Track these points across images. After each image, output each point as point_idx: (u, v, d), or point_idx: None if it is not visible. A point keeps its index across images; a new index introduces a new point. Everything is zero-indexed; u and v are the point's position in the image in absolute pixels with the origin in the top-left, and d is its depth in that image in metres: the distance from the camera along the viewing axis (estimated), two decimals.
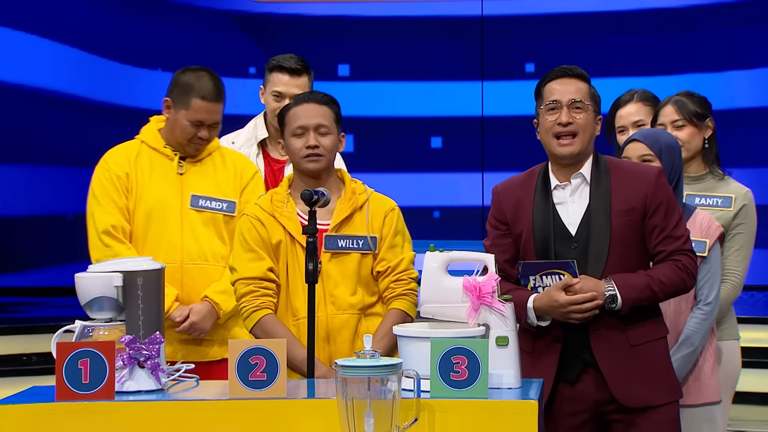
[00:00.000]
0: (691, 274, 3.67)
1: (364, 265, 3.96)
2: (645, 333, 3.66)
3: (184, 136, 4.39)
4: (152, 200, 4.37)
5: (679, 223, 3.68)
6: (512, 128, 11.10)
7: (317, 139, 3.94)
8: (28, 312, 10.05)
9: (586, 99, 3.70)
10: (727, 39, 10.80)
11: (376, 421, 2.98)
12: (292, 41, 10.88)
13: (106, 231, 4.31)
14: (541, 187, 3.73)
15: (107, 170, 4.39)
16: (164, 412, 3.16)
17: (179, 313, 4.32)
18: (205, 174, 4.44)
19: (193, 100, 4.36)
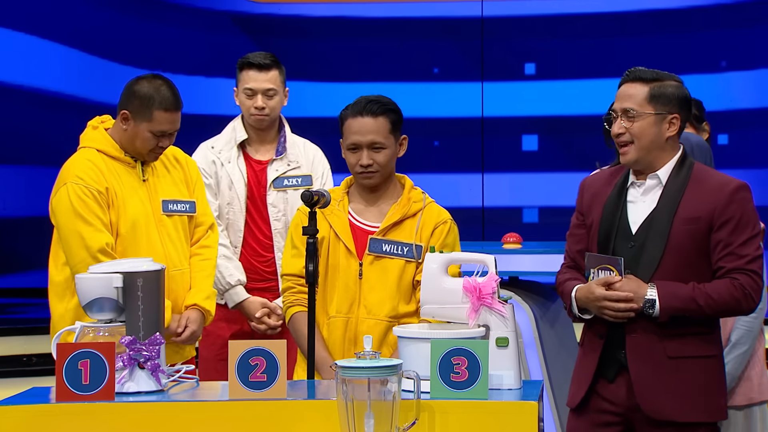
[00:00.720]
0: (748, 296, 3.50)
1: (406, 273, 3.91)
2: (687, 347, 3.55)
3: (146, 147, 4.27)
4: (131, 212, 4.27)
5: (749, 242, 3.52)
6: (512, 129, 11.11)
7: (371, 156, 3.91)
8: (28, 313, 10.05)
9: (641, 105, 3.57)
10: (726, 40, 10.80)
11: (376, 422, 2.98)
12: (292, 42, 10.89)
13: (102, 250, 4.16)
14: (621, 183, 3.66)
15: (85, 186, 4.22)
16: (164, 413, 3.16)
17: (176, 324, 4.28)
18: (163, 177, 4.38)
19: (155, 113, 4.25)
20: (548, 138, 10.97)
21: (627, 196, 3.64)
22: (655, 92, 3.59)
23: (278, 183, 4.96)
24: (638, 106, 3.58)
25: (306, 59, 10.75)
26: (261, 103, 4.91)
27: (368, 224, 3.94)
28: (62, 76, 10.91)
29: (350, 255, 3.91)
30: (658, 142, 3.59)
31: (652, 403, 3.54)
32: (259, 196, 4.94)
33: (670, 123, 3.59)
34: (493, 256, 3.46)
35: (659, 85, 3.59)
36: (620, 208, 3.63)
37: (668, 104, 3.59)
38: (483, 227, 10.86)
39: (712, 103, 10.66)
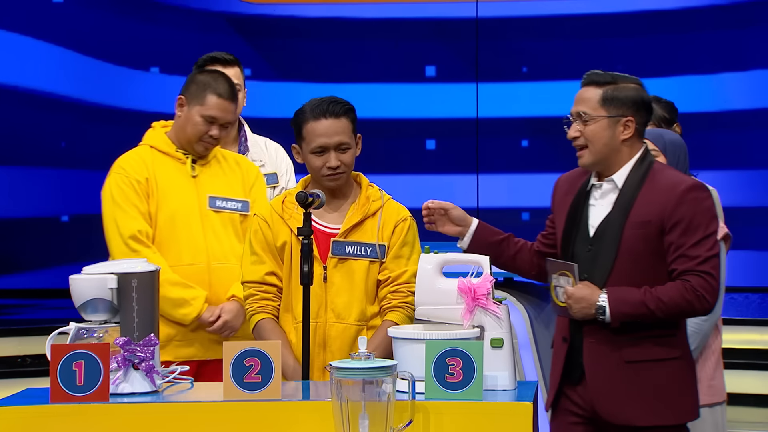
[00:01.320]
0: (701, 297, 3.49)
1: (371, 274, 3.90)
2: (645, 351, 3.54)
3: (196, 134, 4.39)
4: (173, 204, 4.38)
5: (701, 243, 3.50)
6: (507, 130, 11.11)
7: (338, 157, 3.88)
8: (22, 314, 10.04)
9: (594, 109, 3.58)
10: (720, 41, 10.81)
11: (370, 422, 2.98)
12: (286, 43, 10.88)
13: (133, 236, 4.31)
14: (584, 185, 3.68)
15: (126, 176, 4.38)
16: (159, 414, 3.16)
17: (210, 314, 4.33)
18: (216, 175, 4.46)
19: (209, 97, 4.38)
20: (543, 139, 10.98)
21: (589, 198, 3.66)
22: (608, 95, 3.59)
23: None
24: (591, 110, 3.60)
25: (300, 60, 10.75)
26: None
27: (329, 226, 3.92)
28: (57, 76, 10.89)
29: (314, 259, 3.87)
30: (612, 145, 3.59)
31: (609, 408, 3.55)
32: None
33: (625, 126, 3.60)
34: (487, 256, 3.46)
35: (613, 88, 3.60)
36: (581, 210, 3.65)
37: (622, 107, 3.59)
38: None
39: (706, 105, 10.70)
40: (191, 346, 4.33)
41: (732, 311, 8.81)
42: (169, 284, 4.24)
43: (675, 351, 3.58)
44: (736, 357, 7.76)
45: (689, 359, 3.64)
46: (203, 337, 4.35)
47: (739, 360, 7.74)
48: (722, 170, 10.72)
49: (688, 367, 3.63)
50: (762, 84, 10.74)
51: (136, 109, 10.98)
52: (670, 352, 3.57)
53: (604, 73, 3.62)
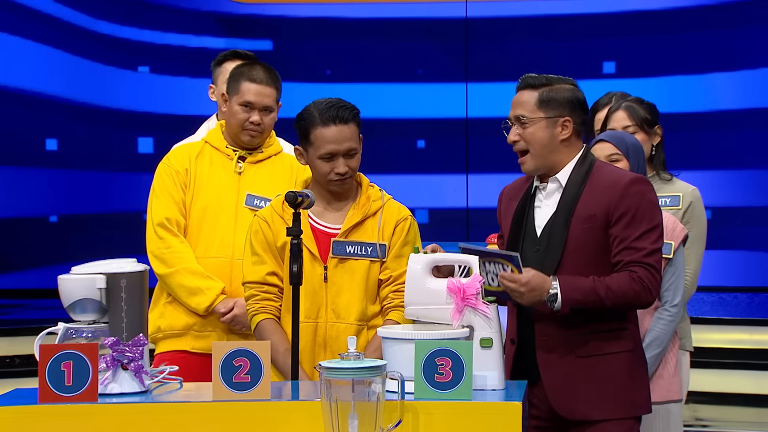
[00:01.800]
0: (646, 288, 3.52)
1: (372, 274, 3.90)
2: (597, 345, 3.57)
3: (237, 123, 4.44)
4: (209, 196, 4.43)
5: (646, 236, 3.54)
6: (497, 130, 11.11)
7: (347, 163, 3.86)
8: (11, 314, 10.02)
9: (531, 111, 3.63)
10: (709, 41, 10.83)
11: (360, 422, 2.98)
12: (276, 43, 10.88)
13: (161, 223, 4.39)
14: (529, 188, 3.72)
15: (168, 165, 4.48)
16: (148, 414, 3.15)
17: (224, 305, 4.37)
18: (262, 174, 4.49)
19: (243, 84, 4.44)
20: None
21: (534, 201, 3.69)
22: (545, 97, 3.63)
23: None
24: (529, 112, 3.64)
25: (290, 60, 10.75)
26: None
27: (329, 226, 3.92)
28: (46, 76, 10.88)
29: (314, 259, 3.88)
30: (551, 146, 3.63)
31: (565, 404, 3.57)
32: None
33: (563, 126, 3.63)
34: (477, 257, 3.46)
35: (549, 90, 3.64)
36: (527, 213, 3.68)
37: (558, 108, 3.63)
38: (467, 228, 10.87)
39: (695, 105, 10.72)
40: (208, 337, 4.37)
41: (721, 311, 8.84)
42: (187, 272, 4.36)
43: (627, 344, 3.61)
44: (725, 357, 7.79)
45: (640, 353, 3.68)
46: (220, 329, 4.40)
47: (728, 360, 7.77)
48: (711, 170, 10.74)
49: (639, 360, 3.66)
50: (750, 84, 10.77)
51: (125, 109, 10.97)
52: (621, 345, 3.60)
53: (539, 76, 3.66)
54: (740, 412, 7.55)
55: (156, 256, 4.41)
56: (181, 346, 4.42)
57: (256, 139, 4.47)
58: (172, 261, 4.38)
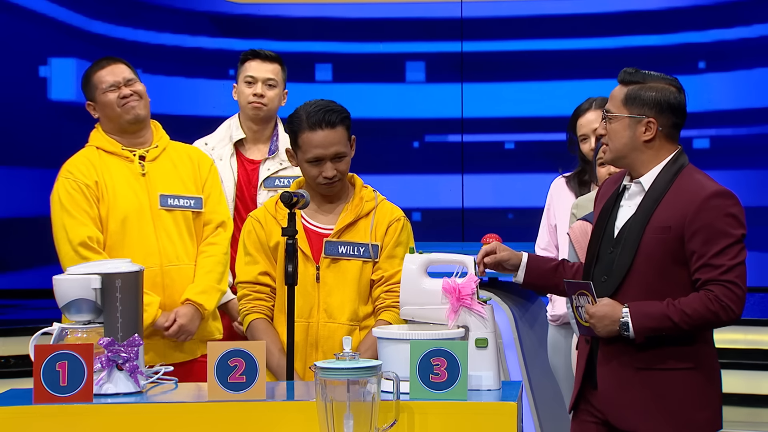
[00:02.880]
0: (726, 307, 3.41)
1: (364, 274, 3.90)
2: (658, 359, 3.48)
3: (113, 109, 4.38)
4: (124, 205, 4.31)
5: (725, 252, 3.43)
6: (492, 130, 11.11)
7: (335, 167, 3.85)
8: (5, 314, 10.00)
9: (617, 107, 3.56)
10: (704, 41, 10.84)
11: (355, 423, 2.98)
12: (271, 43, 10.87)
13: (83, 243, 4.24)
14: (620, 185, 3.65)
15: (74, 180, 4.30)
16: (143, 415, 3.15)
17: (165, 319, 4.28)
18: (166, 171, 4.39)
19: (94, 76, 4.47)
20: (528, 139, 10.99)
21: (620, 199, 3.63)
22: (631, 95, 3.56)
23: (269, 183, 4.94)
24: (615, 108, 3.58)
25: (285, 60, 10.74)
26: (260, 91, 4.92)
27: (322, 227, 3.92)
28: None
29: (306, 259, 3.88)
30: (632, 145, 3.55)
31: (617, 413, 3.52)
32: (249, 195, 4.93)
33: (646, 126, 3.55)
34: (472, 257, 3.46)
35: (638, 88, 3.56)
36: (611, 211, 3.62)
37: (643, 108, 3.55)
38: (462, 228, 10.86)
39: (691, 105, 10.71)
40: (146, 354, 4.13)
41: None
42: None
43: (690, 361, 3.51)
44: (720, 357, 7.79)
45: (708, 369, 3.56)
46: (158, 344, 4.30)
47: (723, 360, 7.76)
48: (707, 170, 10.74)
49: (705, 377, 3.54)
50: (745, 84, 10.77)
51: None
52: (684, 361, 3.50)
53: (636, 72, 3.59)
54: (735, 412, 7.54)
55: None
56: None
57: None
58: None
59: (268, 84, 4.94)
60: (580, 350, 3.66)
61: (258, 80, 4.94)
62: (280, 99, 5.01)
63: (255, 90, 4.92)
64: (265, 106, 4.93)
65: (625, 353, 3.50)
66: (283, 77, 5.02)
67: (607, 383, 3.54)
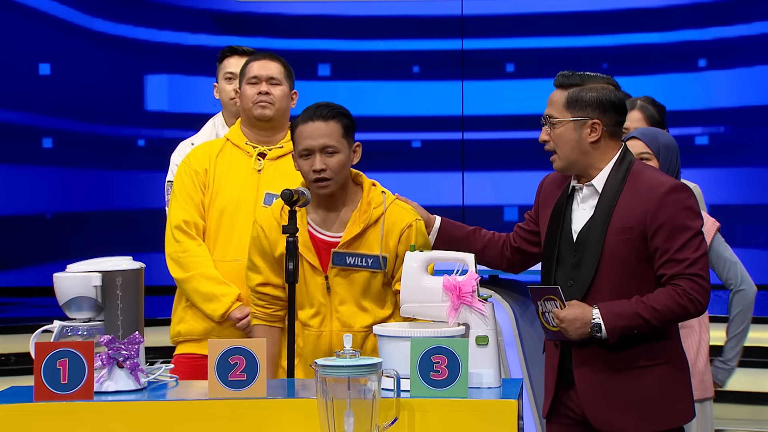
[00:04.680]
0: (694, 300, 3.44)
1: (374, 283, 3.84)
2: (634, 358, 3.50)
3: (248, 100, 4.40)
4: (228, 197, 4.35)
5: (687, 245, 3.44)
6: (492, 128, 11.12)
7: (324, 160, 3.79)
8: (6, 312, 10.01)
9: (560, 112, 3.54)
10: (705, 39, 10.84)
11: (356, 420, 2.98)
12: (272, 40, 10.88)
13: (178, 226, 4.31)
14: (567, 188, 3.63)
15: (188, 165, 4.40)
16: (143, 413, 3.15)
17: (239, 311, 4.29)
18: (282, 172, 4.38)
19: (248, 66, 4.45)
20: (528, 136, 10.99)
21: (572, 202, 3.62)
22: (573, 98, 3.53)
23: None
24: (557, 113, 3.55)
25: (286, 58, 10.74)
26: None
27: (330, 235, 3.86)
28: None
29: (314, 270, 3.84)
30: (580, 149, 3.53)
31: (598, 415, 3.52)
32: None
33: (591, 128, 3.53)
34: (473, 254, 3.46)
35: (578, 90, 3.53)
36: (564, 215, 3.61)
37: (586, 109, 3.52)
38: None
39: (691, 102, 10.72)
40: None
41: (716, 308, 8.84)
42: (203, 278, 4.27)
43: (664, 355, 3.54)
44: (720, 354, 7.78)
45: (679, 362, 3.58)
46: (235, 335, 4.30)
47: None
48: (708, 168, 10.74)
49: (677, 370, 3.57)
50: (745, 82, 10.77)
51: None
52: (658, 357, 3.52)
53: (572, 74, 3.55)
54: (736, 409, 7.54)
55: (173, 259, 4.32)
56: (200, 351, 4.31)
57: (267, 110, 4.36)
58: (189, 265, 4.30)
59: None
60: (550, 353, 3.64)
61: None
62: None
63: (236, 86, 4.91)
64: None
65: (601, 355, 3.50)
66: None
67: (585, 386, 3.53)
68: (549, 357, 3.66)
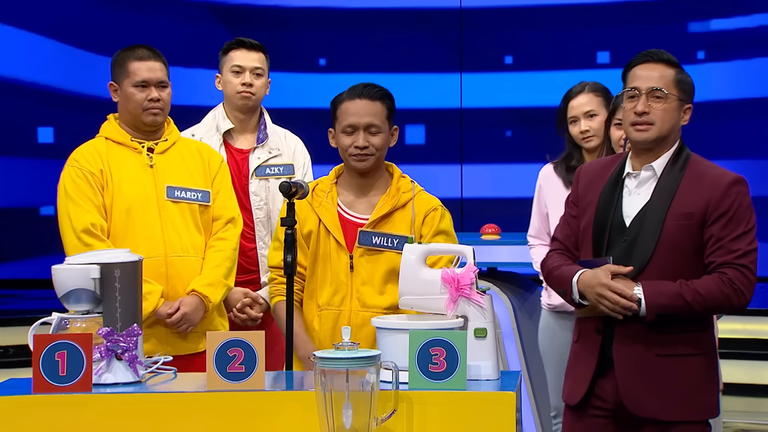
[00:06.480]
0: (738, 291, 3.42)
1: (398, 265, 3.77)
2: (676, 346, 3.48)
3: (136, 105, 4.32)
4: (129, 195, 4.29)
5: (742, 237, 3.45)
6: (491, 120, 11.11)
7: (367, 138, 3.87)
8: (4, 304, 10.01)
9: (669, 87, 3.54)
10: (703, 31, 10.83)
11: (354, 412, 2.98)
12: (270, 32, 10.87)
13: (86, 230, 4.22)
14: (617, 173, 3.61)
15: (79, 168, 4.30)
16: (142, 405, 3.15)
17: (167, 308, 4.26)
18: (174, 164, 4.38)
19: (130, 64, 4.36)
20: (527, 129, 10.99)
21: (623, 187, 3.60)
22: (680, 78, 3.58)
23: (260, 171, 4.93)
24: (666, 88, 3.55)
25: (284, 50, 10.74)
26: (249, 80, 4.91)
27: (358, 216, 3.92)
28: (36, 65, 10.85)
29: (340, 248, 3.88)
30: (674, 129, 3.56)
31: (636, 400, 3.50)
32: (240, 186, 4.91)
33: (685, 112, 3.59)
34: (471, 247, 3.46)
35: (682, 72, 3.59)
36: (615, 199, 3.58)
37: (688, 92, 3.58)
38: (462, 218, 10.87)
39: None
40: (147, 342, 4.19)
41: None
42: None
43: (702, 347, 3.53)
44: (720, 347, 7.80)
45: (713, 356, 3.58)
46: (160, 333, 4.28)
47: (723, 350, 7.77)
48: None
49: (712, 363, 3.57)
50: (744, 74, 10.77)
51: None
52: (698, 348, 3.51)
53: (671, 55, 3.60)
54: (735, 401, 7.56)
55: None
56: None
57: (159, 117, 4.32)
58: None
59: (255, 73, 4.93)
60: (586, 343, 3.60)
61: (245, 69, 4.93)
62: (266, 88, 5.01)
63: (243, 79, 4.91)
64: (253, 95, 4.92)
65: (643, 340, 3.48)
66: (268, 66, 5.02)
67: (625, 370, 3.51)
68: (585, 345, 3.60)
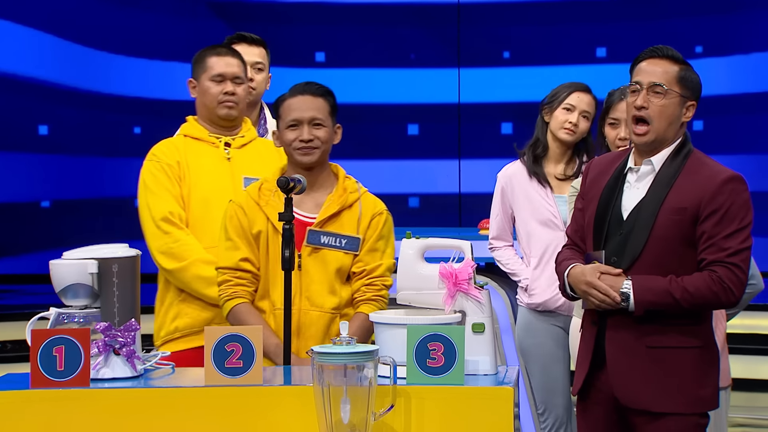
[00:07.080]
0: (727, 289, 3.43)
1: (345, 264, 3.89)
2: (667, 338, 3.49)
3: (213, 99, 4.39)
4: (206, 186, 4.34)
5: (734, 235, 3.45)
6: (489, 115, 11.11)
7: (311, 132, 3.90)
8: (2, 299, 10.01)
9: (670, 83, 3.55)
10: (702, 26, 10.83)
11: (352, 407, 2.98)
12: (269, 28, 10.86)
13: (165, 218, 4.27)
14: (621, 167, 3.63)
15: (157, 161, 4.35)
16: (140, 399, 3.15)
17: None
18: (251, 158, 4.43)
19: (208, 60, 4.42)
20: (525, 124, 10.99)
21: (624, 181, 3.62)
22: (684, 74, 3.58)
23: None
24: (667, 84, 3.56)
25: (282, 45, 10.73)
26: (250, 74, 4.90)
27: (305, 215, 3.91)
28: (38, 61, 10.85)
29: None
30: (674, 125, 3.57)
31: (627, 391, 3.52)
32: None
33: (688, 109, 3.59)
34: (469, 242, 3.46)
35: (687, 68, 3.59)
36: (616, 193, 3.60)
37: (689, 90, 3.58)
38: (460, 213, 10.87)
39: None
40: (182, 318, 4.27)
41: None
42: (202, 263, 4.22)
43: (697, 340, 3.53)
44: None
45: (712, 349, 3.58)
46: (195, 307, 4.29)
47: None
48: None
49: (708, 357, 3.56)
50: (743, 69, 10.77)
51: (117, 94, 10.94)
52: (692, 340, 3.51)
53: (675, 51, 3.60)
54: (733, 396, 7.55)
55: (163, 252, 4.25)
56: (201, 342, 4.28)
57: (233, 110, 4.38)
58: (183, 254, 4.24)
59: (256, 68, 4.93)
60: (586, 334, 3.64)
61: (246, 64, 4.92)
62: (267, 83, 5.01)
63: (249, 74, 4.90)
64: (254, 89, 4.92)
65: (635, 332, 3.50)
66: (269, 60, 5.02)
67: (616, 362, 3.53)
68: (585, 336, 3.64)
